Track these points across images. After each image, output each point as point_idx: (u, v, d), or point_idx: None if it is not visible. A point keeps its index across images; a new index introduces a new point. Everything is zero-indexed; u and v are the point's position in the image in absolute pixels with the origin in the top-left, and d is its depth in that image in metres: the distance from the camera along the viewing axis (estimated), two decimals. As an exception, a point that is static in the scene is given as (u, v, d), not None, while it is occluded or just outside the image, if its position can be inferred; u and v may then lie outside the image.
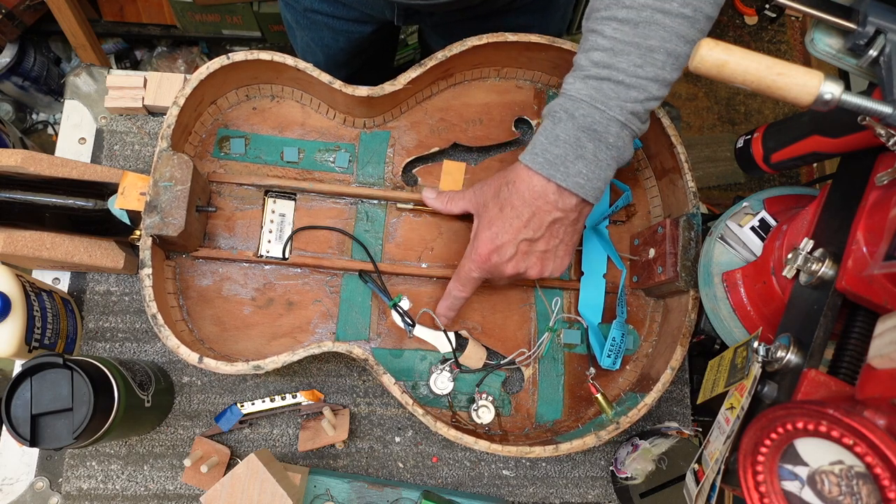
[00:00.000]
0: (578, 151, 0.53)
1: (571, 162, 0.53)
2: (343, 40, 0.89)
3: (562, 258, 0.59)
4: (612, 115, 0.52)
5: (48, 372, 0.54)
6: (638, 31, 0.50)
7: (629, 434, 0.70)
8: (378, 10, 0.80)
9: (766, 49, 2.01)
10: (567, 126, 0.53)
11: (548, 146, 0.54)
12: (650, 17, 0.49)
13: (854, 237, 0.42)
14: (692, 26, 0.50)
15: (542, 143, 0.54)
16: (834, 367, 0.43)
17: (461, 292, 0.62)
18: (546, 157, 0.53)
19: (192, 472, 0.64)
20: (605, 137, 0.52)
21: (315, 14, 0.85)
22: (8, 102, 1.72)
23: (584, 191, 0.54)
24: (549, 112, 0.55)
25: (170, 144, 0.61)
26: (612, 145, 0.53)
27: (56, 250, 0.63)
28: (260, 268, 0.68)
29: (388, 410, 0.70)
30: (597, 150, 0.53)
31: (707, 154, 1.87)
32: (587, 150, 0.53)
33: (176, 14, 1.62)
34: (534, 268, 0.59)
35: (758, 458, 0.38)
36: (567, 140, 0.53)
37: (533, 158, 0.54)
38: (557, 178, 0.53)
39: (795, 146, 0.53)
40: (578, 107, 0.52)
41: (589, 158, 0.53)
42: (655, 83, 0.51)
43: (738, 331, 0.57)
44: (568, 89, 0.54)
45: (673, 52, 0.50)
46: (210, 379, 0.69)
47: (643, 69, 0.51)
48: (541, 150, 0.54)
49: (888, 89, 0.40)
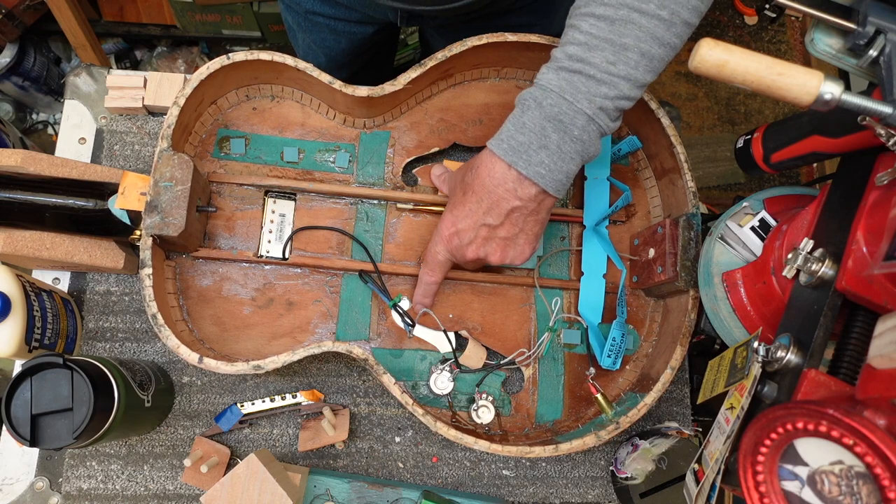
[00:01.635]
0: (543, 141, 0.53)
1: (535, 151, 0.53)
2: (345, 42, 0.89)
3: (522, 247, 0.60)
4: (580, 108, 0.52)
5: (48, 372, 0.54)
6: (613, 28, 0.50)
7: (629, 434, 0.70)
8: (380, 12, 0.80)
9: (766, 49, 2.01)
10: (534, 114, 0.53)
11: (514, 133, 0.54)
12: (626, 16, 0.50)
13: (854, 237, 0.42)
14: (668, 29, 0.50)
15: (508, 129, 0.54)
16: (834, 367, 0.43)
17: (431, 276, 0.63)
18: (511, 143, 0.54)
19: (192, 472, 0.64)
20: (570, 129, 0.53)
21: (316, 16, 0.85)
22: (8, 102, 1.72)
23: (545, 181, 0.54)
24: (520, 100, 0.55)
25: (170, 144, 0.61)
26: (577, 138, 0.53)
27: (56, 250, 0.63)
28: (260, 268, 0.68)
29: (388, 410, 0.70)
30: (561, 141, 0.53)
31: (707, 154, 1.87)
32: (551, 141, 0.53)
33: (176, 14, 1.62)
34: (494, 254, 0.59)
35: (758, 458, 0.38)
36: (533, 128, 0.53)
37: (498, 144, 0.55)
38: (519, 165, 0.53)
39: (795, 146, 0.53)
40: (547, 96, 0.53)
41: (552, 149, 0.53)
42: (627, 82, 0.51)
43: (738, 331, 0.57)
44: (540, 79, 0.54)
45: (647, 52, 0.51)
46: (210, 379, 0.69)
47: (615, 66, 0.51)
48: (506, 137, 0.54)
49: (888, 89, 0.40)
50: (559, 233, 0.73)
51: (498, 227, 0.57)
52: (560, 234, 0.73)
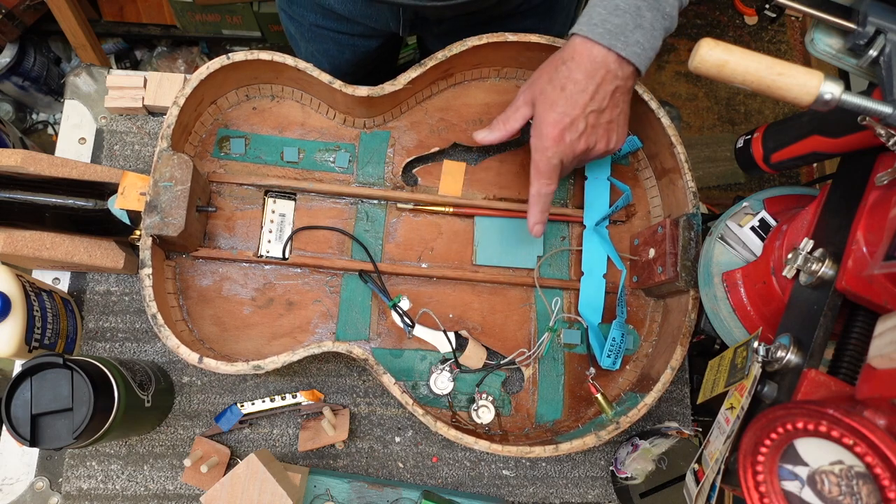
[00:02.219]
0: (638, 21, 0.54)
1: (631, 31, 0.54)
2: (349, 53, 0.89)
3: (622, 127, 0.61)
4: None
5: (48, 372, 0.54)
6: None
7: (629, 434, 0.70)
8: (383, 23, 0.80)
9: (766, 49, 2.01)
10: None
11: (607, 16, 0.54)
12: None
13: (854, 237, 0.42)
14: None
15: (600, 13, 0.55)
16: (834, 367, 0.43)
17: (549, 186, 0.60)
18: (606, 27, 0.54)
19: (192, 472, 0.64)
20: (662, 6, 0.54)
21: (321, 29, 0.85)
22: (8, 102, 1.72)
23: (640, 60, 0.55)
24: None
25: (170, 144, 0.61)
26: (668, 15, 0.55)
27: (56, 250, 0.63)
28: (260, 268, 0.68)
29: (388, 410, 0.70)
30: (654, 19, 0.54)
31: (707, 154, 1.87)
32: (646, 20, 0.54)
33: (176, 14, 1.62)
34: (602, 140, 0.59)
35: (758, 458, 0.38)
36: (627, 9, 0.54)
37: (592, 29, 0.55)
38: (618, 47, 0.54)
39: (795, 146, 0.53)
40: None
41: (647, 28, 0.54)
42: None
43: (738, 331, 0.57)
44: None
45: None
46: (210, 379, 0.69)
47: None
48: (600, 21, 0.54)
49: (888, 89, 0.40)
50: (559, 233, 0.73)
51: (604, 110, 0.58)
52: (560, 234, 0.73)
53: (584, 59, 0.55)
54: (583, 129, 0.58)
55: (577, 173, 0.75)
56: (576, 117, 0.57)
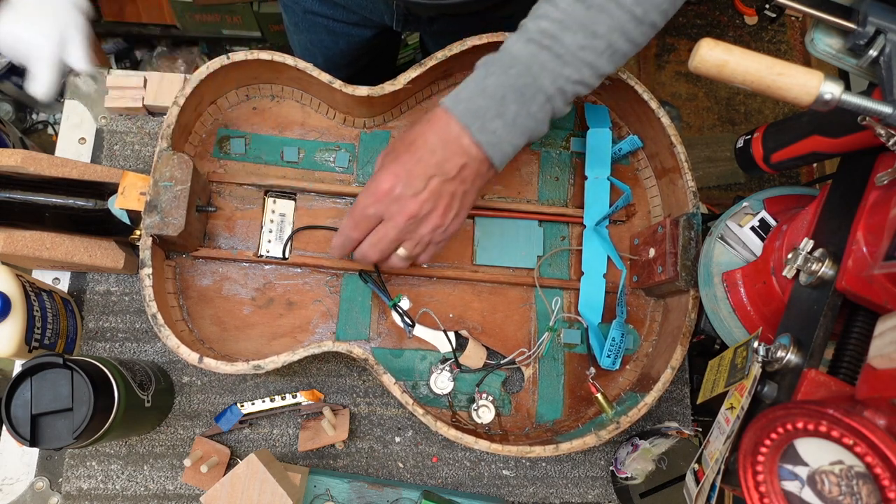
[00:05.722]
0: (500, 109, 0.52)
1: (491, 118, 0.52)
2: (343, 43, 0.88)
3: (463, 210, 0.56)
4: (542, 85, 0.52)
5: (48, 372, 0.54)
6: (589, 13, 0.50)
7: (629, 434, 0.70)
8: (377, 14, 0.80)
9: (766, 49, 2.01)
10: (498, 80, 0.52)
11: (473, 95, 0.53)
12: (603, 5, 0.50)
13: (854, 237, 0.42)
14: (637, 27, 0.51)
15: (469, 90, 0.53)
16: (834, 367, 0.43)
17: (352, 231, 0.57)
18: (468, 105, 0.52)
19: (192, 472, 0.64)
20: (529, 105, 0.52)
21: (315, 16, 0.85)
22: (8, 102, 1.72)
23: (493, 150, 0.53)
24: (484, 63, 0.54)
25: (170, 144, 0.61)
26: (533, 115, 0.53)
27: (56, 250, 0.63)
28: (260, 268, 0.68)
29: (388, 410, 0.70)
30: (517, 114, 0.52)
31: (707, 154, 1.87)
32: (509, 111, 0.52)
33: (176, 14, 1.62)
34: (438, 211, 0.54)
35: (758, 458, 0.38)
36: (494, 94, 0.52)
37: (455, 105, 0.53)
38: (474, 129, 0.52)
39: (795, 146, 0.53)
40: (514, 65, 0.52)
41: (508, 120, 0.52)
42: (590, 69, 0.52)
43: (738, 331, 0.57)
44: (509, 47, 0.53)
45: (614, 44, 0.51)
46: (210, 379, 0.69)
47: (584, 51, 0.51)
48: (465, 98, 0.53)
49: (888, 89, 0.40)
50: (559, 233, 0.73)
51: (450, 180, 0.53)
52: (560, 233, 0.73)
53: (441, 126, 0.53)
54: (419, 189, 0.53)
55: (577, 173, 0.75)
56: (415, 174, 0.53)
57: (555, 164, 0.74)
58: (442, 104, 0.54)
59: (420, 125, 0.54)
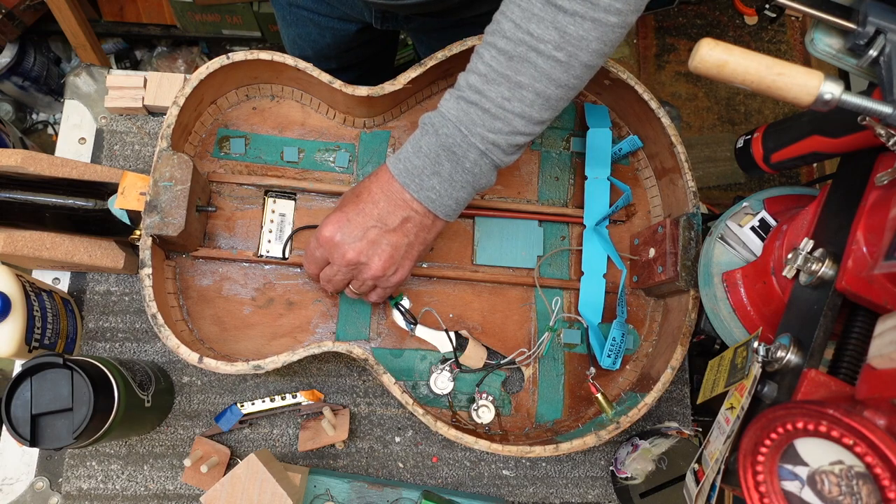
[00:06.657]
0: (436, 168, 0.53)
1: (427, 176, 0.54)
2: (329, 36, 0.88)
3: (407, 261, 0.58)
4: (473, 142, 0.52)
5: (48, 372, 0.54)
6: (511, 64, 0.50)
7: (629, 434, 0.70)
8: (357, 11, 0.80)
9: (766, 49, 2.01)
10: (431, 140, 0.53)
11: (411, 156, 0.54)
12: (524, 54, 0.49)
13: (854, 237, 0.42)
14: (566, 71, 0.50)
15: (407, 150, 0.55)
16: (834, 367, 0.43)
17: (308, 266, 0.62)
18: (406, 164, 0.54)
19: (192, 472, 0.64)
20: (462, 161, 0.53)
21: (299, 9, 0.85)
22: (8, 102, 1.72)
23: (435, 205, 0.55)
24: (421, 122, 0.55)
25: (170, 144, 0.61)
26: (469, 170, 0.53)
27: (56, 250, 0.63)
28: (260, 267, 0.68)
29: (388, 410, 0.70)
30: (453, 171, 0.53)
31: (707, 154, 1.87)
32: (444, 169, 0.53)
33: (176, 14, 1.62)
34: (379, 259, 0.56)
35: (758, 458, 0.38)
36: (428, 154, 0.53)
37: (395, 164, 0.55)
38: (412, 188, 0.54)
39: (795, 146, 0.53)
40: (445, 124, 0.53)
41: (444, 177, 0.54)
42: (522, 119, 0.51)
43: (738, 331, 0.57)
44: (442, 105, 0.54)
45: (542, 92, 0.50)
46: (210, 379, 0.69)
47: (510, 103, 0.51)
48: (404, 158, 0.55)
49: (888, 89, 0.40)
50: (559, 233, 0.73)
51: (391, 231, 0.56)
52: (560, 233, 0.73)
53: (385, 181, 0.55)
54: (358, 236, 0.55)
55: (577, 173, 0.75)
56: (355, 222, 0.55)
57: (555, 164, 0.75)
58: (386, 162, 0.56)
59: (368, 178, 0.57)
